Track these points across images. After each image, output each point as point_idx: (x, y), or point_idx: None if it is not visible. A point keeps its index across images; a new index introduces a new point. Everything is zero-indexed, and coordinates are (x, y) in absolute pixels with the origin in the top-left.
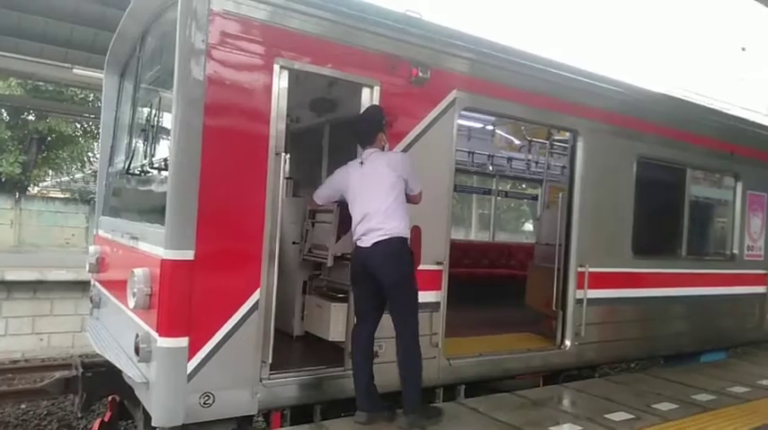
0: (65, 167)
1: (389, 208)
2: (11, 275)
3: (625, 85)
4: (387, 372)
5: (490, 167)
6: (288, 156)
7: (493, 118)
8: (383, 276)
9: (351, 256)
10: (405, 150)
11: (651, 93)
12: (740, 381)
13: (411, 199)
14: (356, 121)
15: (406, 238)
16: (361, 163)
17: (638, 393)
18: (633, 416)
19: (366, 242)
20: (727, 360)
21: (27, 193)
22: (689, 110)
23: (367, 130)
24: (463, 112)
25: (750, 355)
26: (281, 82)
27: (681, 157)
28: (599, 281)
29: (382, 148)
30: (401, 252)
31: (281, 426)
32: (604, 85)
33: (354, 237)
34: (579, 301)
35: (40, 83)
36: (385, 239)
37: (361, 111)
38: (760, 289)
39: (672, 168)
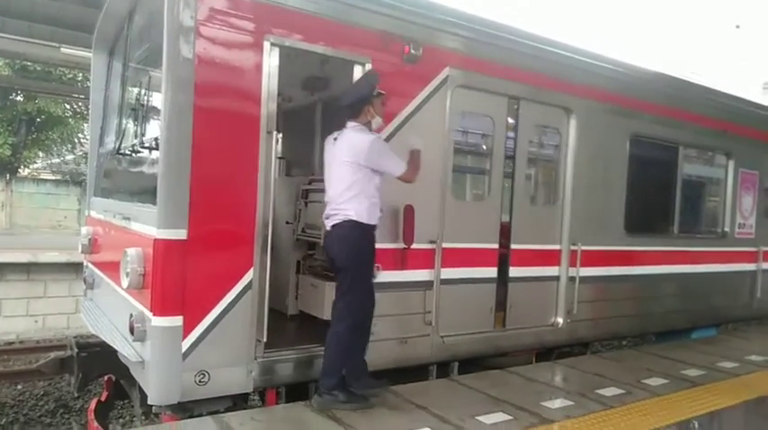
0: (55, 149)
1: (347, 191)
2: (3, 257)
3: (619, 62)
4: (380, 350)
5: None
6: (280, 135)
7: None
8: (335, 261)
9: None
10: (397, 130)
11: (644, 70)
12: (730, 357)
13: (402, 179)
14: (343, 91)
15: (363, 224)
16: (335, 139)
17: (628, 369)
18: (624, 391)
19: (327, 225)
20: (718, 336)
21: (18, 175)
22: (682, 88)
23: (351, 101)
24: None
25: (740, 332)
26: (271, 59)
27: (673, 136)
28: (591, 259)
29: (368, 124)
30: (352, 237)
31: (277, 404)
32: (598, 63)
33: (323, 217)
34: (572, 279)
35: (28, 62)
36: (339, 223)
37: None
38: (750, 266)
39: (664, 146)
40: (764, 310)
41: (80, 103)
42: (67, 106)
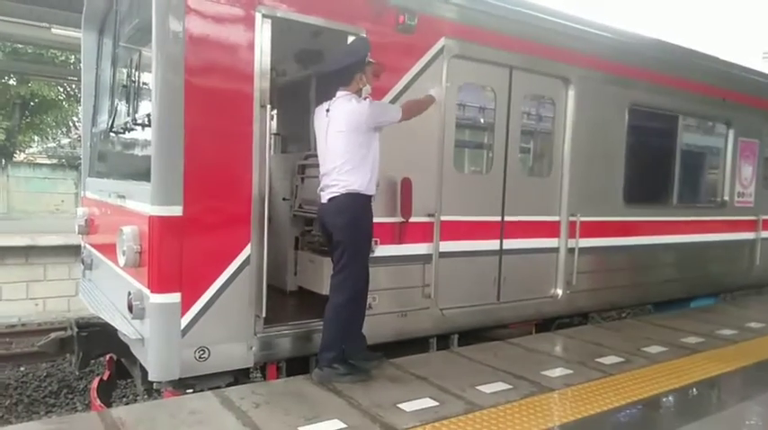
0: (50, 133)
1: (347, 163)
2: (2, 241)
3: (616, 30)
4: (380, 324)
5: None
6: (275, 112)
7: None
8: (334, 233)
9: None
10: (392, 101)
11: (643, 38)
12: (729, 325)
13: (403, 119)
14: (333, 58)
15: (363, 194)
16: (328, 110)
17: (627, 338)
18: (623, 360)
19: (324, 198)
20: (717, 305)
21: (13, 160)
22: (681, 55)
23: (341, 68)
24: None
25: (739, 300)
26: (263, 32)
27: (673, 104)
28: (590, 230)
29: (359, 92)
30: (353, 208)
31: (278, 378)
32: (596, 31)
33: (318, 190)
34: (571, 250)
35: (19, 45)
36: (338, 195)
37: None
38: (749, 235)
39: (663, 116)
40: (763, 279)
41: (74, 86)
42: (61, 89)
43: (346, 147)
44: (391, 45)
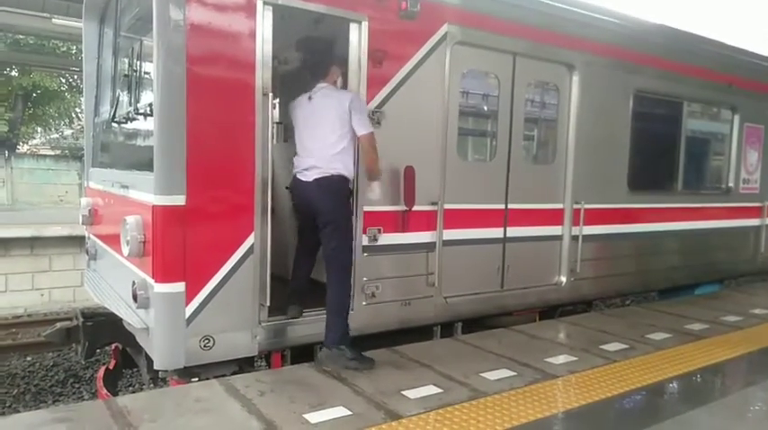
0: (53, 124)
1: (334, 146)
2: (7, 233)
3: (621, 15)
4: (384, 312)
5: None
6: (277, 101)
7: None
8: (319, 213)
9: (291, 188)
10: (395, 90)
11: (648, 23)
12: (734, 311)
13: (359, 140)
14: (310, 50)
15: (348, 178)
16: (310, 98)
17: (632, 325)
18: (627, 346)
19: (308, 177)
20: (722, 292)
21: (17, 151)
22: (686, 40)
23: (319, 61)
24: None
25: (744, 287)
26: (265, 19)
27: (678, 90)
28: (595, 217)
29: (335, 83)
30: (341, 190)
31: (282, 367)
32: (600, 17)
33: (295, 170)
34: (575, 238)
35: (21, 36)
36: (326, 176)
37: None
38: (755, 221)
39: (668, 102)
40: None
41: (75, 77)
42: (63, 80)
43: (334, 131)
44: (393, 32)
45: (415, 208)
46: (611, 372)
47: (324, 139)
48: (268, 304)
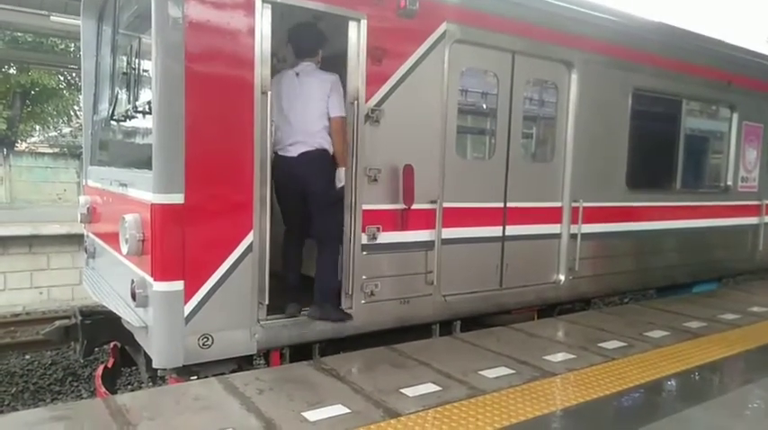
0: (51, 122)
1: (319, 121)
2: (5, 231)
3: (620, 13)
4: (383, 310)
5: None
6: None
7: None
8: (307, 186)
9: (273, 166)
10: (394, 89)
11: (647, 21)
12: (731, 309)
13: (331, 122)
14: (302, 29)
15: (330, 152)
16: (297, 74)
17: (630, 323)
18: (626, 344)
19: (293, 152)
20: (720, 290)
21: (15, 149)
22: (685, 38)
23: (311, 42)
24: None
25: (742, 285)
26: (263, 17)
27: (676, 88)
28: (593, 215)
29: (318, 63)
30: (327, 164)
31: (281, 364)
32: (599, 15)
33: (277, 146)
34: (573, 236)
35: (19, 33)
36: (311, 150)
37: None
38: (753, 220)
39: (667, 100)
40: (767, 263)
41: (74, 74)
42: (61, 77)
43: (319, 108)
44: (392, 30)
45: (414, 206)
46: (609, 370)
47: (309, 115)
48: (267, 302)
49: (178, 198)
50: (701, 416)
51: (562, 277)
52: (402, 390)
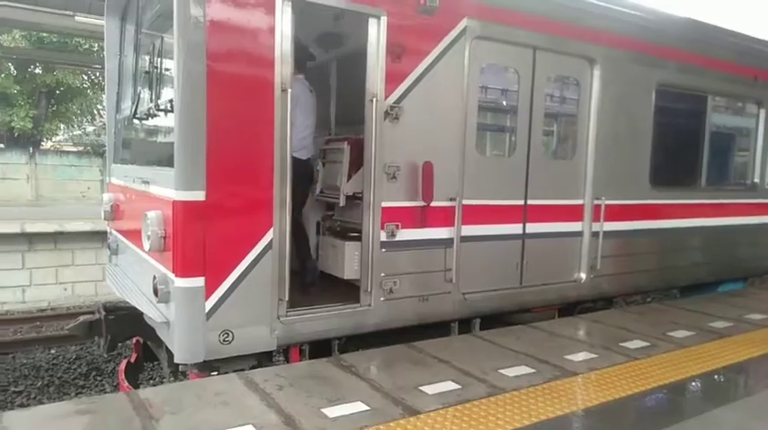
0: (76, 120)
1: (302, 132)
2: (32, 228)
3: (643, 8)
4: (402, 307)
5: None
6: None
7: None
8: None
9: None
10: (414, 85)
11: (670, 15)
12: (759, 309)
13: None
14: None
15: (306, 161)
16: (311, 90)
17: (653, 322)
18: (649, 344)
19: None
20: (746, 289)
21: (40, 148)
22: (710, 33)
23: (302, 55)
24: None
25: None
26: (284, 15)
27: (701, 84)
28: (615, 213)
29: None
30: (297, 173)
31: (300, 361)
32: (622, 9)
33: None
34: (595, 234)
35: (44, 34)
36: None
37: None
38: None
39: (692, 96)
40: None
41: (98, 74)
42: (85, 77)
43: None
44: (413, 27)
45: (434, 203)
46: (632, 370)
47: (298, 126)
48: (287, 299)
49: (199, 195)
50: (727, 417)
51: (583, 275)
52: (421, 388)
